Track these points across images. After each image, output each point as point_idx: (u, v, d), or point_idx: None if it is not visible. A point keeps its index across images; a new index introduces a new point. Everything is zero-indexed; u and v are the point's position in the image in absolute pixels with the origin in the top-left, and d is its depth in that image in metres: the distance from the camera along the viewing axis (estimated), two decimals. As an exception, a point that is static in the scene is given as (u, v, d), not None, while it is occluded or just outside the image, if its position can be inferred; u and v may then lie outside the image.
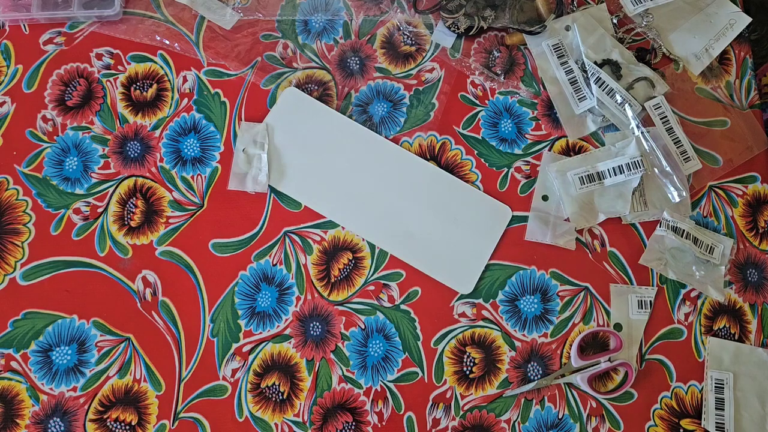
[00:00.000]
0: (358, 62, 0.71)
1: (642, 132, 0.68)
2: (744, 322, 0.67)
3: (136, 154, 0.67)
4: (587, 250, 0.67)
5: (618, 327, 0.66)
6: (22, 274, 0.63)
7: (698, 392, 0.65)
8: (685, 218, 0.67)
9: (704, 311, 0.67)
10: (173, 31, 0.70)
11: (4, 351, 0.62)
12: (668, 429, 0.64)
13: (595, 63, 0.69)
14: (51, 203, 0.65)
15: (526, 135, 0.70)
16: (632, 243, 0.68)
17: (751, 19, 0.75)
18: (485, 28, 0.72)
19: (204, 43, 0.70)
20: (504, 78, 0.71)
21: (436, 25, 0.72)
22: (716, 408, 0.64)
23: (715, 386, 0.65)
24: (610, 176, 0.67)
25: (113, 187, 0.66)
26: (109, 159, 0.67)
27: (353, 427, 0.62)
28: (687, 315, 0.67)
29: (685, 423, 0.64)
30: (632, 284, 0.67)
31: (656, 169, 0.68)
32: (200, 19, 0.71)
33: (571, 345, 0.65)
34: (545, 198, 0.68)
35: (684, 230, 0.66)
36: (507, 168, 0.69)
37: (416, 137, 0.69)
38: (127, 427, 0.61)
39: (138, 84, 0.69)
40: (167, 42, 0.70)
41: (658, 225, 0.67)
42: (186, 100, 0.69)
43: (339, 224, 0.66)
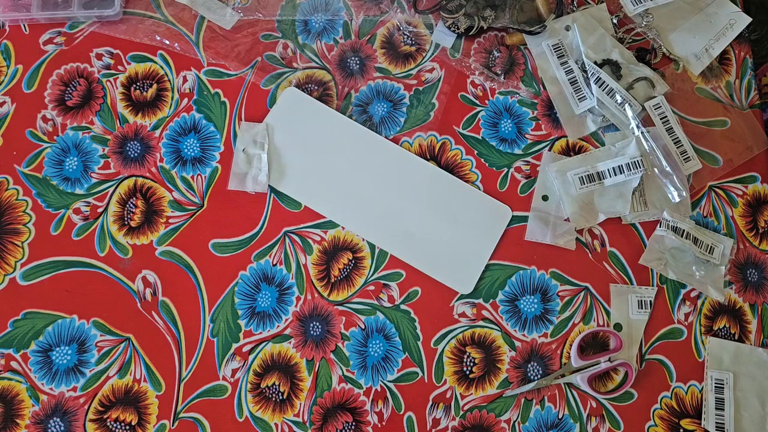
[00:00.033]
0: (358, 62, 0.71)
1: (642, 132, 0.68)
2: (744, 322, 0.67)
3: (136, 154, 0.67)
4: (587, 250, 0.67)
5: (618, 327, 0.66)
6: (22, 274, 0.63)
7: (698, 392, 0.65)
8: (685, 218, 0.67)
9: (704, 311, 0.67)
10: (173, 31, 0.70)
11: (4, 351, 0.62)
12: (668, 429, 0.64)
13: (595, 63, 0.69)
14: (51, 203, 0.65)
15: (526, 135, 0.70)
16: (632, 243, 0.68)
17: (751, 19, 0.75)
18: (485, 28, 0.72)
19: (204, 43, 0.70)
20: (504, 78, 0.71)
21: (436, 25, 0.72)
22: (716, 408, 0.64)
23: (715, 386, 0.65)
24: (610, 176, 0.67)
25: (113, 187, 0.66)
26: (109, 159, 0.67)
27: (353, 427, 0.62)
28: (687, 315, 0.67)
29: (685, 423, 0.64)
30: (632, 284, 0.67)
31: (656, 169, 0.68)
32: (200, 19, 0.71)
33: (571, 345, 0.65)
34: (545, 198, 0.68)
35: (684, 230, 0.66)
36: (507, 168, 0.69)
37: (416, 137, 0.69)
38: (127, 427, 0.61)
39: (138, 84, 0.69)
40: (167, 42, 0.70)
41: (658, 225, 0.67)
42: (186, 100, 0.69)
43: (339, 224, 0.66)
